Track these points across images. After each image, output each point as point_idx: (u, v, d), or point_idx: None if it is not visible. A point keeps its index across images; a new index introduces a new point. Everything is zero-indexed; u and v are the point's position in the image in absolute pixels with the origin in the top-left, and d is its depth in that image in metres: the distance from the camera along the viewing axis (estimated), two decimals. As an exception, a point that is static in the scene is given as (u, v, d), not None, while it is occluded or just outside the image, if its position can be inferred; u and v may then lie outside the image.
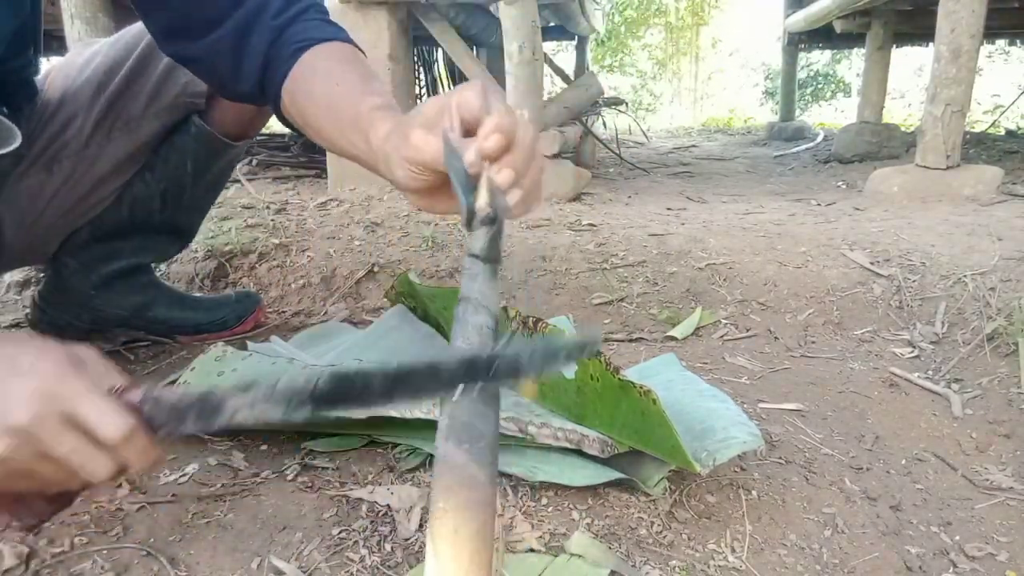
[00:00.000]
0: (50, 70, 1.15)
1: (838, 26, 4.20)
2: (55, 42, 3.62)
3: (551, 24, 4.34)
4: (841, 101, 10.56)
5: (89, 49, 1.17)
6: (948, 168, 2.36)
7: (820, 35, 5.09)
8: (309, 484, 0.86)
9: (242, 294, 1.49)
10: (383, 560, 0.74)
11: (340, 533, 0.78)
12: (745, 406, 1.09)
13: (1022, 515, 0.87)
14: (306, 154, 3.20)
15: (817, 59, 10.55)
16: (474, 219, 0.54)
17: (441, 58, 5.08)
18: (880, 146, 3.81)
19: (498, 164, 0.55)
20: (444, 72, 5.16)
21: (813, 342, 1.39)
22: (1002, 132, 4.97)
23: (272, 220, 1.99)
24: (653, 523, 0.80)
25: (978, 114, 7.10)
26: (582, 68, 5.33)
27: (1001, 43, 8.19)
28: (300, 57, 0.80)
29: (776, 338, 1.40)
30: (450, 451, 0.47)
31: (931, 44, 2.46)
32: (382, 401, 0.51)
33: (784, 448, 0.98)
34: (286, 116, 0.87)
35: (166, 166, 1.22)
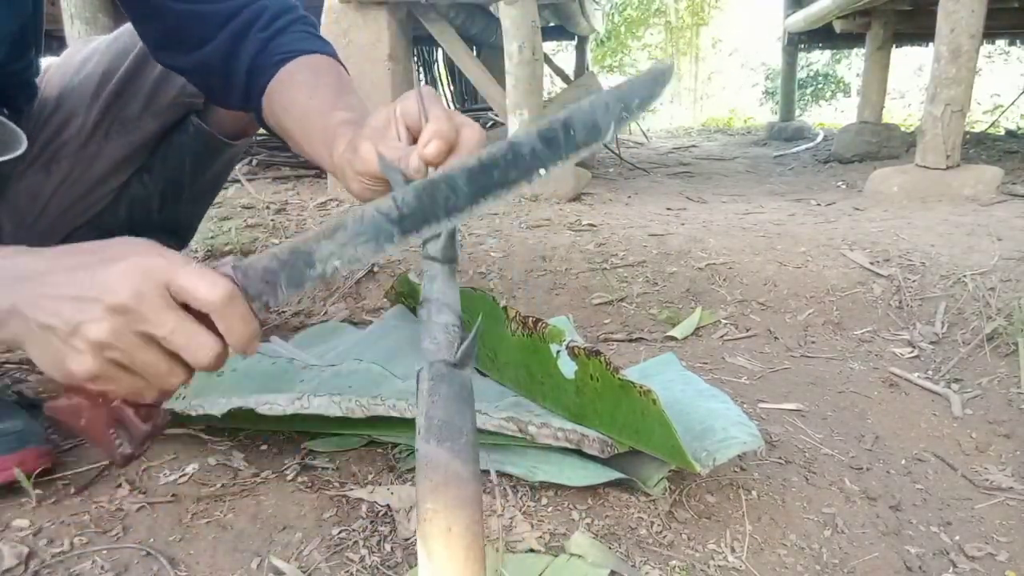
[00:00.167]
0: (47, 69, 1.15)
1: (838, 26, 4.20)
2: (55, 42, 3.62)
3: (551, 24, 4.35)
4: (841, 101, 10.57)
5: (86, 48, 1.17)
6: (948, 168, 2.36)
7: (820, 35, 5.09)
8: (309, 484, 0.86)
9: (242, 294, 1.49)
10: (383, 560, 0.74)
11: (340, 533, 0.78)
12: (745, 406, 1.09)
13: (1022, 515, 0.87)
14: (306, 154, 3.20)
15: (817, 59, 10.56)
16: None
17: (441, 58, 5.09)
18: (880, 146, 3.81)
19: (443, 167, 0.56)
20: (444, 72, 5.17)
21: (813, 342, 1.39)
22: (1002, 132, 4.98)
23: (272, 220, 1.99)
24: (653, 523, 0.80)
25: (978, 114, 7.10)
26: (582, 68, 5.34)
27: (1001, 43, 8.19)
28: (281, 68, 0.81)
29: (776, 338, 1.40)
30: (431, 451, 0.47)
31: (931, 44, 2.46)
32: (470, 205, 0.51)
33: (784, 448, 0.98)
34: (267, 124, 0.87)
35: (164, 166, 1.21)
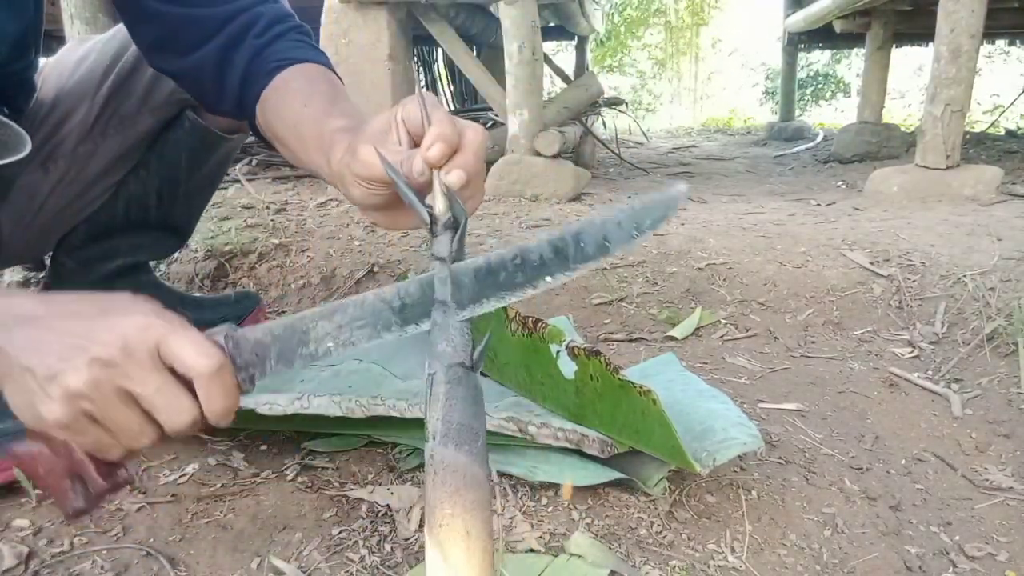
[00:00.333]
0: (43, 68, 1.15)
1: (838, 26, 4.20)
2: (55, 42, 3.62)
3: (551, 24, 4.35)
4: (841, 101, 10.56)
5: (83, 46, 1.17)
6: (948, 168, 2.36)
7: (820, 35, 5.09)
8: (309, 484, 0.86)
9: (242, 294, 1.49)
10: (383, 560, 0.74)
11: (340, 533, 0.78)
12: (745, 406, 1.09)
13: (1022, 515, 0.87)
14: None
15: (817, 59, 10.56)
16: (436, 224, 0.55)
17: (441, 58, 5.09)
18: (880, 146, 3.81)
19: (447, 167, 0.57)
20: (444, 72, 5.17)
21: (813, 342, 1.39)
22: (1002, 132, 4.98)
23: (272, 220, 1.99)
24: (653, 523, 0.80)
25: (978, 114, 7.10)
26: (582, 68, 5.33)
27: (1001, 43, 8.19)
28: (275, 76, 0.81)
29: (776, 338, 1.40)
30: (450, 455, 0.47)
31: (931, 44, 2.46)
32: (473, 304, 0.52)
33: (784, 448, 0.98)
34: (260, 132, 0.87)
35: (161, 162, 1.21)
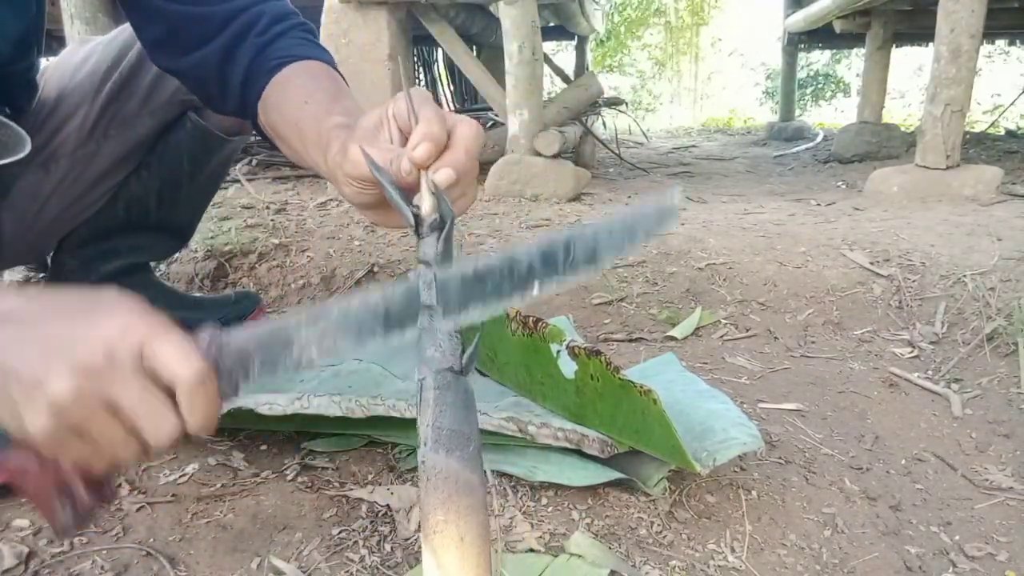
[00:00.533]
0: (45, 68, 1.15)
1: (838, 26, 4.20)
2: (55, 42, 3.62)
3: (551, 24, 4.35)
4: (841, 101, 10.56)
5: (84, 48, 1.17)
6: (948, 168, 2.36)
7: (820, 35, 5.09)
8: (309, 484, 0.86)
9: (242, 294, 1.49)
10: (383, 560, 0.74)
11: (340, 533, 0.78)
12: (745, 406, 1.09)
13: (1022, 515, 0.87)
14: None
15: (817, 59, 10.55)
16: (422, 226, 0.53)
17: (441, 58, 5.09)
18: (880, 146, 3.81)
19: (435, 165, 0.55)
20: (444, 72, 5.17)
21: (813, 342, 1.39)
22: (1002, 132, 4.98)
23: (272, 220, 1.99)
24: (653, 523, 0.80)
25: (978, 114, 7.10)
26: (582, 68, 5.33)
27: (1001, 43, 8.19)
28: (277, 73, 0.81)
29: (776, 338, 1.40)
30: (441, 461, 0.47)
31: (931, 44, 2.46)
32: (459, 311, 0.51)
33: (784, 448, 0.98)
34: (263, 130, 0.87)
35: (162, 164, 1.21)
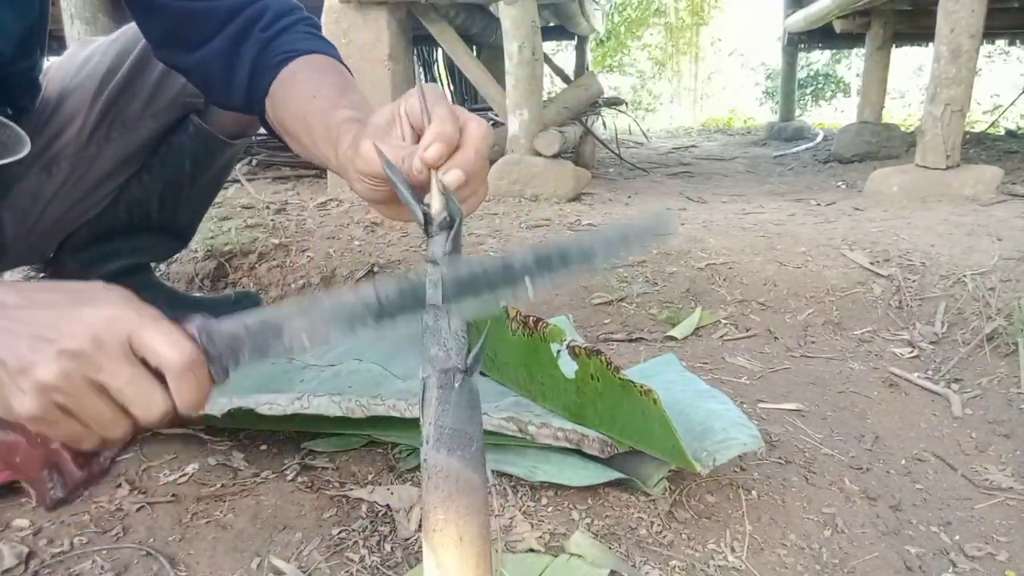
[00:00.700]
0: (47, 69, 1.15)
1: (838, 26, 4.20)
2: (55, 42, 3.62)
3: (551, 24, 4.34)
4: (841, 101, 10.56)
5: (86, 49, 1.17)
6: (948, 168, 2.36)
7: (820, 35, 5.09)
8: (309, 484, 0.86)
9: (242, 294, 1.49)
10: (383, 560, 0.74)
11: (340, 533, 0.78)
12: (745, 406, 1.09)
13: (1022, 515, 0.87)
14: (305, 154, 3.19)
15: (817, 59, 10.55)
16: (431, 225, 0.54)
17: (441, 58, 5.09)
18: (880, 146, 3.81)
19: (445, 166, 0.56)
20: (444, 72, 5.17)
21: (813, 342, 1.39)
22: (1002, 132, 4.98)
23: (272, 220, 1.99)
24: (653, 523, 0.80)
25: (978, 114, 7.10)
26: (582, 68, 5.33)
27: (1001, 43, 8.19)
28: (283, 68, 0.81)
29: (776, 338, 1.40)
30: (442, 460, 0.47)
31: (931, 44, 2.46)
32: (451, 304, 0.51)
33: (784, 448, 0.98)
34: (271, 126, 0.87)
35: (164, 166, 1.21)
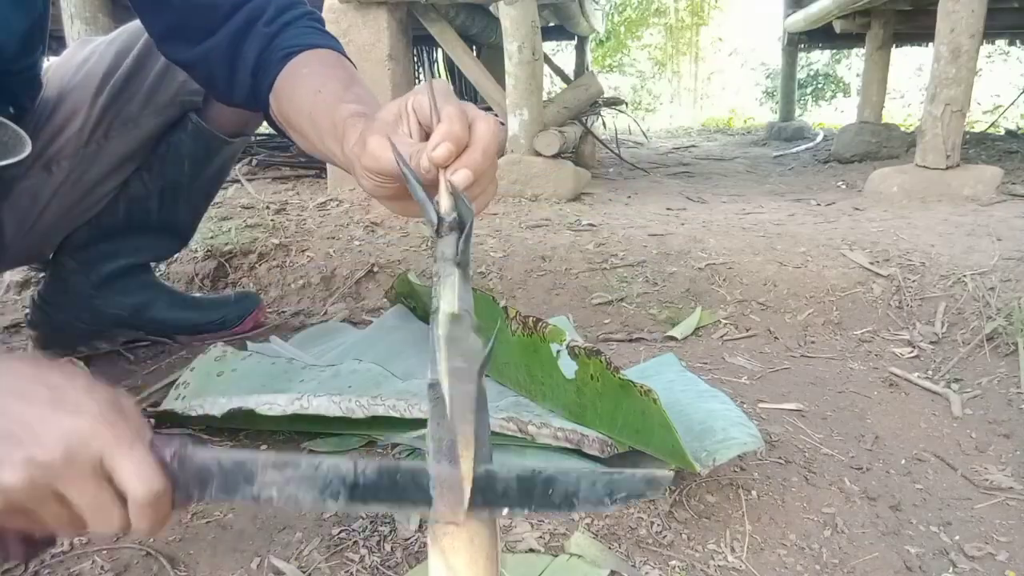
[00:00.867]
0: (47, 69, 1.15)
1: (838, 26, 4.20)
2: (55, 42, 3.62)
3: (551, 24, 4.34)
4: (841, 101, 10.56)
5: (86, 48, 1.17)
6: (948, 168, 2.36)
7: (820, 35, 5.08)
8: (309, 484, 0.86)
9: (242, 294, 1.49)
10: (383, 560, 0.74)
11: (340, 533, 0.78)
12: (745, 406, 1.09)
13: (1022, 515, 0.87)
14: (305, 154, 3.19)
15: (817, 59, 10.55)
16: (442, 225, 0.53)
17: (441, 58, 5.09)
18: (880, 146, 3.81)
19: (454, 165, 0.55)
20: (444, 72, 5.17)
21: (813, 342, 1.39)
22: (1002, 132, 4.97)
23: (272, 220, 1.99)
24: (653, 523, 0.80)
25: (978, 114, 7.10)
26: (582, 68, 5.33)
27: (1001, 43, 8.18)
28: (287, 63, 0.81)
29: (776, 338, 1.40)
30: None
31: (931, 44, 2.46)
32: (426, 499, 0.47)
33: (784, 448, 0.98)
34: (276, 122, 0.87)
35: (163, 164, 1.21)
